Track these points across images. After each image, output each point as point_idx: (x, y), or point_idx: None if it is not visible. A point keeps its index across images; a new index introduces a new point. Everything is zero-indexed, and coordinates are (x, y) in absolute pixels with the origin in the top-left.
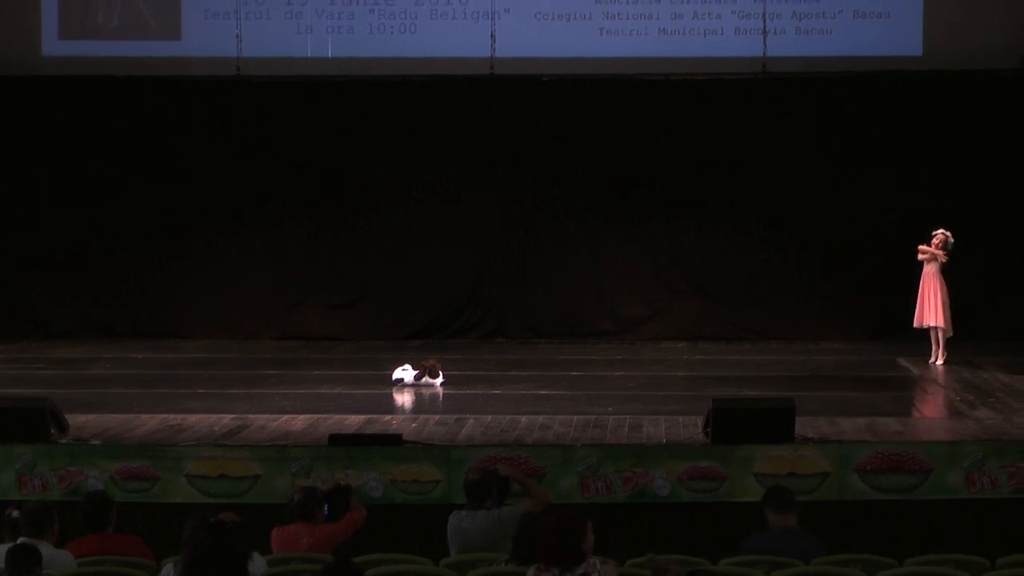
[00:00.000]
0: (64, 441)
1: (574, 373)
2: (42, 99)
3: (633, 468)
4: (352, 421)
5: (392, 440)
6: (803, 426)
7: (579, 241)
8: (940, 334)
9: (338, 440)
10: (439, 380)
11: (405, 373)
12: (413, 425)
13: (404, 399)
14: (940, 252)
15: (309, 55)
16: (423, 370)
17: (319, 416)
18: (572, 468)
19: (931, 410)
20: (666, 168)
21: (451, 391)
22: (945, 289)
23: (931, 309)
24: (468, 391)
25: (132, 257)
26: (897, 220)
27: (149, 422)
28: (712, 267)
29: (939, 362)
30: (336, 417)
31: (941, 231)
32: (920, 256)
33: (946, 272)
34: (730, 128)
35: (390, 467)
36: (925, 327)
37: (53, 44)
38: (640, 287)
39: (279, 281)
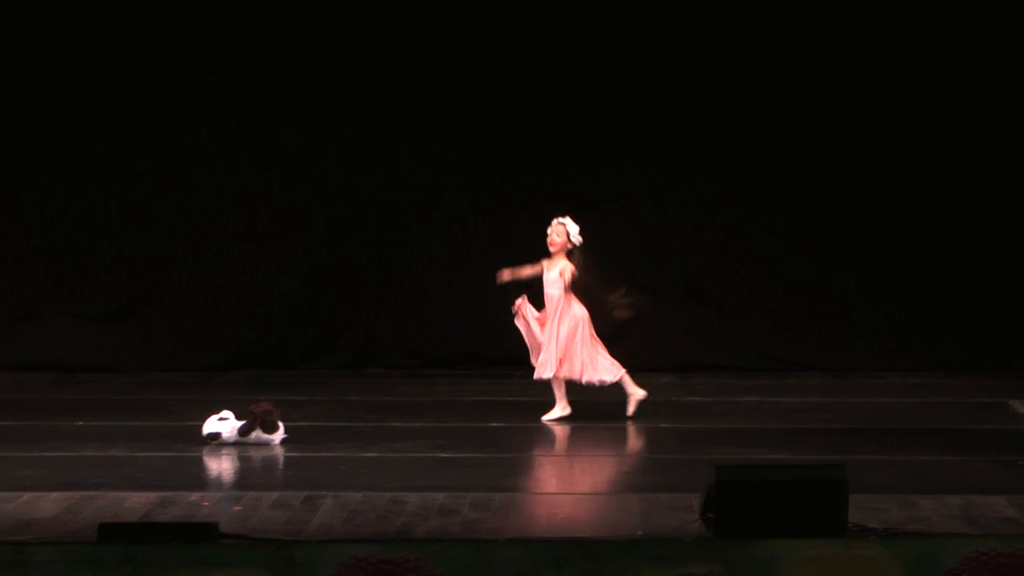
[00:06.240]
0: None
1: (492, 424)
2: None
3: None
4: (136, 501)
5: (203, 532)
6: (860, 509)
7: (488, 222)
8: None
9: (113, 532)
10: (279, 435)
11: (224, 424)
12: (236, 508)
13: (221, 466)
14: None
15: None
16: (253, 419)
17: (81, 494)
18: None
19: None
20: (628, 111)
21: (296, 452)
22: None
23: None
24: (323, 453)
25: None
26: None
27: None
28: (708, 260)
29: None
30: (110, 495)
31: None
32: None
33: None
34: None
35: (199, 575)
36: None
37: None
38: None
39: (3, 280)
